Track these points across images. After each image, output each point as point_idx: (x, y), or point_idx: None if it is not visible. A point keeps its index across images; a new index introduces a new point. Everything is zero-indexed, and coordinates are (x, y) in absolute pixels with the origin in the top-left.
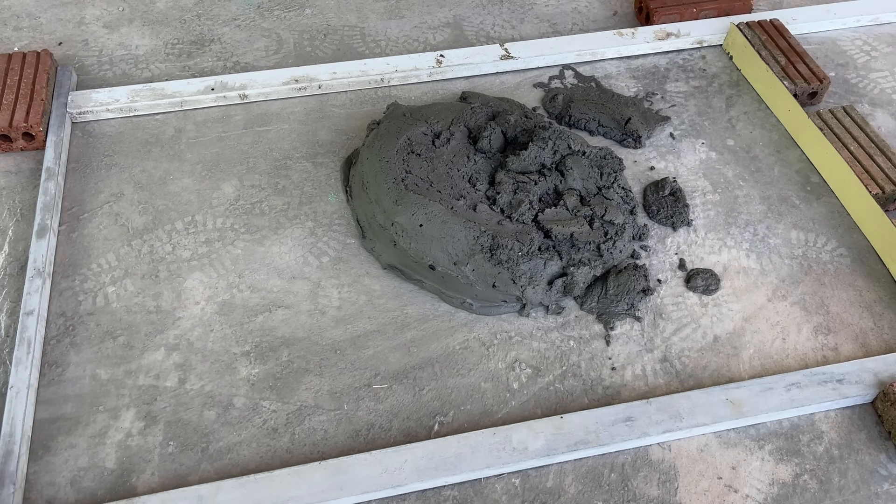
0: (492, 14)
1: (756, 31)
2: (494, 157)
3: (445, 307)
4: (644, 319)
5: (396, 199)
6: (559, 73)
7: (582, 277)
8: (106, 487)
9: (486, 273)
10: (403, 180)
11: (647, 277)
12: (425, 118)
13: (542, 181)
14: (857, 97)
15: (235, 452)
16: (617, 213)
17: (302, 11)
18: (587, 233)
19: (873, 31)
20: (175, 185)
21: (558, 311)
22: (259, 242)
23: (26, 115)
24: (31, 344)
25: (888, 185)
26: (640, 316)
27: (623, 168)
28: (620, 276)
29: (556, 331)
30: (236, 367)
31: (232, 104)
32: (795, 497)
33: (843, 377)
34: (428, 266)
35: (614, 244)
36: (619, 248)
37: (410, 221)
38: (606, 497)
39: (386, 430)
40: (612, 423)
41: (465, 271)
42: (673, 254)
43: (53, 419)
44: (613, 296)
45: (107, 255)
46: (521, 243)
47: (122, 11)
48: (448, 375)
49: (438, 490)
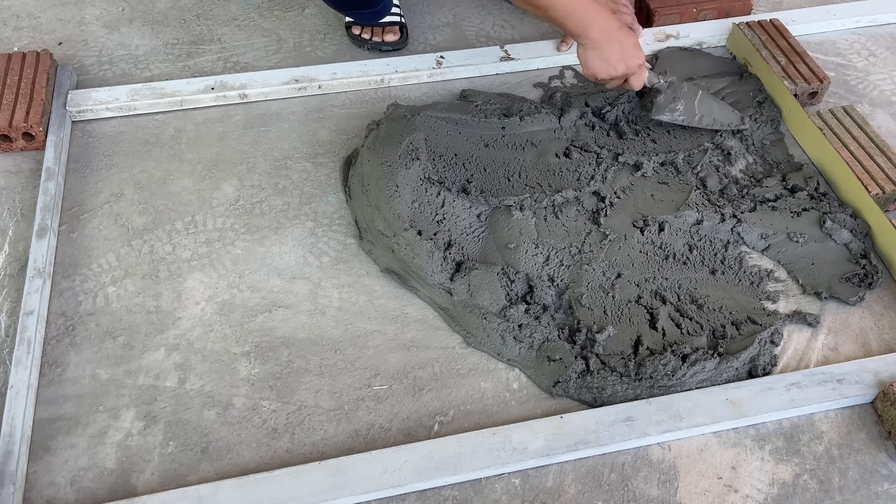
0: (492, 14)
1: (756, 31)
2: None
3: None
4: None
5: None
6: (559, 74)
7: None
8: (106, 487)
9: (530, 362)
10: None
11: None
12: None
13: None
14: (857, 97)
15: (235, 452)
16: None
17: (302, 11)
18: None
19: (873, 31)
20: (175, 185)
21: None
22: (259, 242)
23: (26, 115)
24: (31, 344)
25: (888, 185)
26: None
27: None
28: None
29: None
30: (236, 367)
31: (232, 104)
32: (795, 497)
33: (843, 377)
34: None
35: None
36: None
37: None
38: (606, 497)
39: (386, 430)
40: (612, 422)
41: (495, 336)
42: None
43: (53, 419)
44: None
45: (107, 255)
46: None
47: (122, 11)
48: (448, 375)
49: (438, 490)
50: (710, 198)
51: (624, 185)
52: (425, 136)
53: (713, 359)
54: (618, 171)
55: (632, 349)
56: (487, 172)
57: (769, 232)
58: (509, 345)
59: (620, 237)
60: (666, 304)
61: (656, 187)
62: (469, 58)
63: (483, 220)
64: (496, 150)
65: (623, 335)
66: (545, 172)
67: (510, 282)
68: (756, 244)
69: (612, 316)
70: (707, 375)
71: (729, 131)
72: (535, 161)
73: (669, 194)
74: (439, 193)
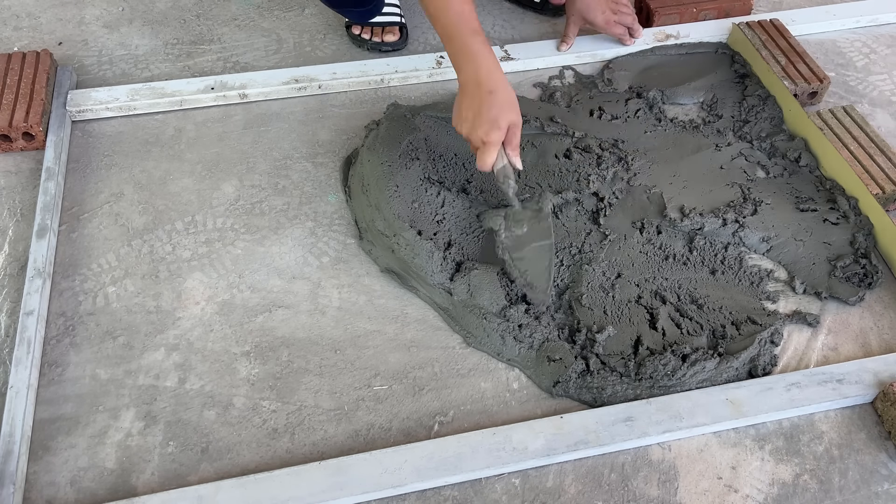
0: (492, 14)
1: (756, 31)
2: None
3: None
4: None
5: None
6: (559, 73)
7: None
8: (106, 487)
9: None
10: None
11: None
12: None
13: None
14: (857, 97)
15: (235, 452)
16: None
17: (302, 11)
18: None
19: (873, 31)
20: (175, 185)
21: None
22: (259, 242)
23: (26, 115)
24: (31, 344)
25: (888, 185)
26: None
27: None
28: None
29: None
30: (236, 367)
31: (232, 104)
32: (795, 497)
33: (843, 377)
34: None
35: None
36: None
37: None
38: (606, 497)
39: (386, 430)
40: (612, 422)
41: (496, 336)
42: None
43: (53, 419)
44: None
45: (107, 255)
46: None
47: (122, 11)
48: (448, 375)
49: (438, 490)
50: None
51: (622, 186)
52: (425, 136)
53: (713, 359)
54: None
55: (632, 349)
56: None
57: (770, 234)
58: (509, 345)
59: (620, 237)
60: (666, 303)
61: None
62: None
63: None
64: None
65: (623, 335)
66: (545, 173)
67: (510, 282)
68: (758, 247)
69: (612, 316)
70: (707, 375)
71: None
72: (535, 161)
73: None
74: (439, 193)
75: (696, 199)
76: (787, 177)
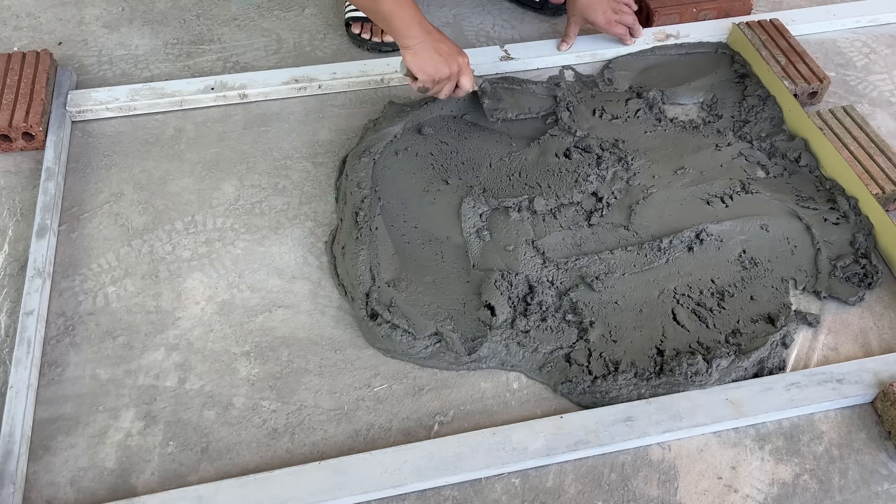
0: (492, 14)
1: (756, 30)
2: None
3: None
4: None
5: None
6: (559, 73)
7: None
8: (106, 487)
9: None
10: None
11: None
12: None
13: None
14: (856, 97)
15: (235, 452)
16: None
17: (302, 11)
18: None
19: (873, 31)
20: (175, 185)
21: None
22: (259, 242)
23: (26, 115)
24: (31, 344)
25: (888, 185)
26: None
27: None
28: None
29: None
30: (236, 367)
31: (232, 104)
32: (795, 497)
33: (843, 377)
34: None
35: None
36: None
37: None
38: (606, 497)
39: (386, 430)
40: (611, 422)
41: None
42: None
43: (53, 419)
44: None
45: (107, 255)
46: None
47: (122, 11)
48: (448, 375)
49: (438, 490)
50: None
51: (621, 186)
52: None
53: (727, 357)
54: (617, 172)
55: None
56: (491, 169)
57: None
58: (513, 352)
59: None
60: (679, 304)
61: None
62: (469, 58)
63: (484, 220)
64: (497, 146)
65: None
66: (545, 172)
67: (510, 286)
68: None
69: (615, 316)
70: (718, 376)
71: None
72: (535, 160)
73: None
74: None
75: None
76: (787, 177)
